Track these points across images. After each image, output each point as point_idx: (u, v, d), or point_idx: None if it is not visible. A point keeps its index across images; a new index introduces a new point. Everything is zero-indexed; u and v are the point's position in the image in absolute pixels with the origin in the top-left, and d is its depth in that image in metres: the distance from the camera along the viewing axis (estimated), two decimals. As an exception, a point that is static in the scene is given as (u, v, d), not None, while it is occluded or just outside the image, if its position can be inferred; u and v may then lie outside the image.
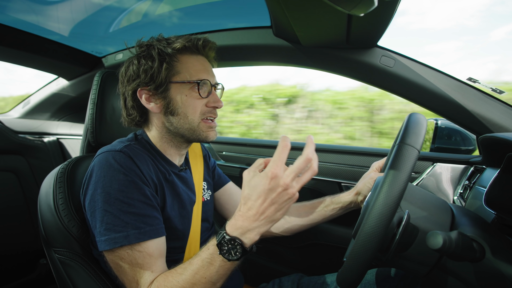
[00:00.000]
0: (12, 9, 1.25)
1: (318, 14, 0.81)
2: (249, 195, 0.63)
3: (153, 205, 0.75)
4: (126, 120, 0.88)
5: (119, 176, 0.71)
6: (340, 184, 1.36)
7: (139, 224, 0.70)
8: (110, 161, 0.73)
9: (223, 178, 1.13)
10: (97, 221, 0.71)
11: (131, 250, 0.70)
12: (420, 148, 0.56)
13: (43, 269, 1.77)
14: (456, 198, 1.08)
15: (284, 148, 0.61)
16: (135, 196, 0.71)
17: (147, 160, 0.79)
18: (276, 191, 0.61)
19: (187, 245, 0.86)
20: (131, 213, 0.70)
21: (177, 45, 0.80)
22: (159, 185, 0.79)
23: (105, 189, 0.71)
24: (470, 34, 30.44)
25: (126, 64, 0.85)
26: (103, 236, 0.70)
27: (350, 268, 0.54)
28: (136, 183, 0.72)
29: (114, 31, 1.44)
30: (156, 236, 0.73)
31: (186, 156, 1.01)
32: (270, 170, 0.60)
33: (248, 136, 4.81)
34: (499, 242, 0.56)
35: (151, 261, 0.71)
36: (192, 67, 0.82)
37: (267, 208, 0.62)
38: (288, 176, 0.60)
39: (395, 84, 1.06)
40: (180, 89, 0.81)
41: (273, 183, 0.60)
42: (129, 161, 0.74)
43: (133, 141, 0.84)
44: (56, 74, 1.76)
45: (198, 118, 0.83)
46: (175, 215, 0.82)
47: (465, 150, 1.24)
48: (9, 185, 1.68)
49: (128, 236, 0.69)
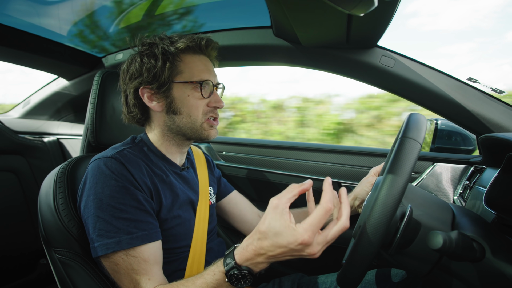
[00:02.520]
0: (12, 9, 1.25)
1: (318, 14, 0.81)
2: (268, 238, 0.58)
3: (146, 210, 0.74)
4: (127, 117, 0.88)
5: (111, 182, 0.72)
6: (340, 184, 1.36)
7: (131, 229, 0.70)
8: (101, 168, 0.73)
9: (228, 187, 1.13)
10: (90, 227, 0.71)
11: (126, 255, 0.70)
12: (422, 142, 0.56)
13: (43, 269, 1.77)
14: (456, 198, 1.08)
15: (326, 213, 0.56)
16: (127, 201, 0.71)
17: (140, 165, 0.78)
18: (298, 252, 0.58)
19: (192, 245, 0.85)
20: (123, 218, 0.70)
21: (180, 45, 0.80)
22: (153, 189, 0.78)
23: (97, 196, 0.71)
24: (484, 35, 30.26)
25: (128, 61, 0.84)
26: (96, 242, 0.70)
27: (352, 264, 0.54)
28: (127, 189, 0.72)
29: (115, 31, 1.44)
30: (149, 241, 0.72)
31: (191, 158, 1.01)
32: (302, 235, 0.55)
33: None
34: (499, 242, 0.56)
35: (147, 267, 0.71)
36: (195, 67, 0.82)
37: (283, 256, 0.59)
38: (318, 245, 0.57)
39: (395, 84, 1.06)
40: (182, 89, 0.81)
41: (300, 247, 0.56)
42: (120, 167, 0.74)
43: (129, 145, 0.84)
44: (56, 74, 1.76)
45: (201, 117, 0.83)
46: (174, 216, 0.82)
47: (465, 150, 1.24)
48: (9, 185, 1.68)
49: (120, 242, 0.69)
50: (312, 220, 0.56)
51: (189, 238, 0.85)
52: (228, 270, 0.62)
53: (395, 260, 0.61)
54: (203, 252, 0.88)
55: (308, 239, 0.55)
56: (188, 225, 0.86)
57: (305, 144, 1.51)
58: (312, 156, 1.44)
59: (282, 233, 0.57)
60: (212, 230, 0.96)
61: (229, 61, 1.33)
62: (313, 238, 0.56)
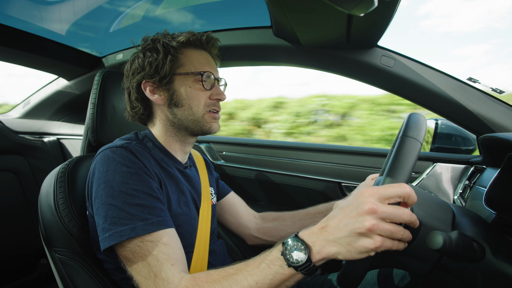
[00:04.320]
0: (13, 9, 1.25)
1: (318, 14, 0.81)
2: (334, 214, 0.56)
3: (158, 198, 0.72)
4: (130, 114, 0.88)
5: (122, 169, 0.70)
6: (340, 184, 1.36)
7: (145, 215, 0.66)
8: (111, 156, 0.72)
9: (226, 188, 1.13)
10: (101, 218, 0.67)
11: (142, 242, 0.65)
12: (422, 141, 0.56)
13: (44, 269, 1.77)
14: (456, 198, 1.08)
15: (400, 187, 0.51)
16: (140, 187, 0.69)
17: (148, 156, 0.78)
18: (357, 221, 0.51)
19: (196, 245, 0.84)
20: (136, 204, 0.67)
21: (182, 39, 0.82)
22: (162, 181, 0.78)
23: (108, 183, 0.69)
24: (500, 36, 29.88)
25: (132, 58, 0.86)
26: (108, 231, 0.65)
27: (352, 264, 0.54)
28: (139, 175, 0.71)
29: (115, 31, 1.45)
30: (166, 227, 0.68)
31: (192, 159, 1.01)
32: (362, 193, 0.52)
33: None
34: (499, 242, 0.56)
35: (168, 251, 0.65)
36: (196, 60, 0.83)
37: (344, 226, 0.53)
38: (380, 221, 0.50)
39: (395, 84, 1.06)
40: (184, 81, 0.82)
41: (358, 212, 0.51)
42: (131, 155, 0.73)
43: (134, 140, 0.84)
44: (57, 74, 1.76)
45: (202, 109, 0.83)
46: (181, 213, 0.81)
47: (465, 150, 1.24)
48: (9, 185, 1.68)
49: (135, 228, 0.65)
50: (379, 187, 0.52)
51: (193, 237, 0.85)
52: (287, 240, 0.57)
53: (396, 259, 0.61)
54: (206, 252, 0.87)
55: (368, 198, 0.51)
56: (193, 224, 0.86)
57: (305, 144, 1.51)
58: (312, 156, 1.44)
59: (347, 201, 0.55)
60: (214, 231, 0.96)
61: (229, 61, 1.33)
62: (374, 204, 0.50)
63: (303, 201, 1.46)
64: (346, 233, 0.52)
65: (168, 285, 0.62)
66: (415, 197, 0.52)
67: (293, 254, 0.55)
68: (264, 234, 1.08)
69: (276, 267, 0.57)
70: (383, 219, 0.51)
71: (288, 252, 0.56)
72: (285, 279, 0.57)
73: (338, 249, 0.54)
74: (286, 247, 0.57)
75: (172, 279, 0.63)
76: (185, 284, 0.62)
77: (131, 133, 0.89)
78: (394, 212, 0.51)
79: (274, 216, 1.09)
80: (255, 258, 0.62)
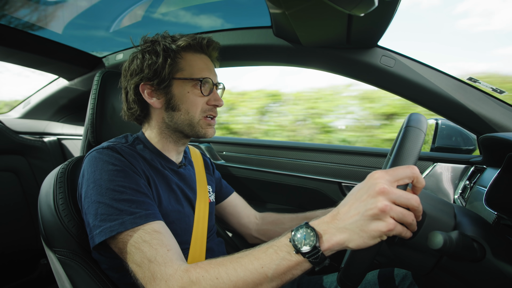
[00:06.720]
0: (13, 9, 1.25)
1: (318, 14, 0.81)
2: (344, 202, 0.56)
3: (145, 193, 0.73)
4: (127, 114, 0.88)
5: (108, 167, 0.71)
6: (340, 184, 1.36)
7: (133, 210, 0.67)
8: (98, 156, 0.74)
9: (228, 189, 1.13)
10: (91, 216, 0.68)
11: (133, 231, 0.65)
12: (425, 132, 0.56)
13: (44, 269, 1.77)
14: (456, 198, 1.07)
15: (409, 168, 0.52)
16: (126, 184, 0.70)
17: (135, 156, 0.79)
18: (368, 202, 0.51)
19: (192, 243, 0.84)
20: (124, 200, 0.68)
21: (182, 43, 0.81)
22: (151, 179, 0.79)
23: (97, 182, 0.70)
24: None
25: (130, 58, 0.85)
26: (98, 228, 0.66)
27: (352, 264, 0.54)
28: (126, 172, 0.72)
29: (115, 31, 1.45)
30: (154, 219, 0.69)
31: (189, 157, 1.01)
32: (372, 174, 0.52)
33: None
34: (499, 242, 0.56)
35: (161, 237, 0.66)
36: (195, 65, 0.83)
37: (355, 210, 0.53)
38: (391, 203, 0.50)
39: (396, 84, 1.06)
40: (182, 86, 0.82)
41: (368, 194, 0.51)
42: (117, 155, 0.75)
43: (121, 142, 0.84)
44: (57, 74, 1.76)
45: (199, 115, 0.84)
46: (172, 210, 0.81)
47: (465, 150, 1.24)
48: (9, 185, 1.68)
49: (123, 222, 0.66)
50: (400, 174, 0.51)
51: (189, 235, 0.85)
52: (297, 227, 0.57)
53: (399, 254, 0.60)
54: (203, 251, 0.87)
55: (379, 180, 0.50)
56: (187, 221, 0.86)
57: (305, 144, 1.51)
58: (312, 156, 1.44)
59: (357, 187, 0.55)
60: (212, 228, 0.96)
61: (229, 61, 1.33)
62: (385, 184, 0.50)
63: (303, 201, 1.46)
64: (357, 217, 0.52)
65: (165, 269, 0.61)
66: (423, 180, 0.52)
67: (302, 241, 0.55)
68: (263, 235, 1.08)
69: (284, 253, 0.56)
70: (393, 201, 0.50)
71: (296, 239, 0.55)
72: (292, 266, 0.56)
73: (349, 235, 0.53)
74: (295, 233, 0.56)
75: (169, 263, 0.62)
76: (186, 267, 0.61)
77: (120, 136, 0.89)
78: (404, 195, 0.51)
79: (274, 218, 1.09)
80: (262, 244, 0.61)
